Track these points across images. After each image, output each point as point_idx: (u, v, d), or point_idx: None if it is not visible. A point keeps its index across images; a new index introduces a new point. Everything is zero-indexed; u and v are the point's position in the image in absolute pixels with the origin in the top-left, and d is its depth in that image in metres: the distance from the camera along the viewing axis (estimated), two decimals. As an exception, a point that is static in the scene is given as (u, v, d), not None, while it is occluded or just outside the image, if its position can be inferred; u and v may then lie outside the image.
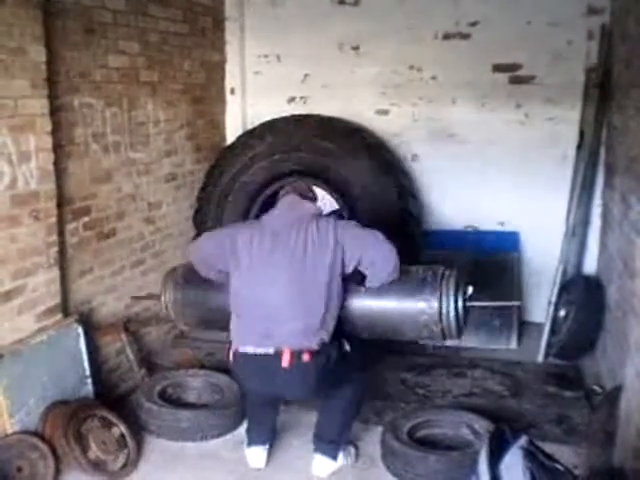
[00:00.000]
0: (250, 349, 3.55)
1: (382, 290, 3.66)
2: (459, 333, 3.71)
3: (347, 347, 3.69)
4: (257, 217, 5.46)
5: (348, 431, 3.93)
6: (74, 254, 4.32)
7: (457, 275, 3.72)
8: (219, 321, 3.92)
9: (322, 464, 3.82)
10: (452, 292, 3.62)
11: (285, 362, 3.44)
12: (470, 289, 3.74)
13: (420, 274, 3.73)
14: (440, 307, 3.59)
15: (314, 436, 3.89)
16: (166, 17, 5.20)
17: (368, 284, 3.66)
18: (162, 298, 4.10)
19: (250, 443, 3.94)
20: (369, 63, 5.94)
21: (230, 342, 3.69)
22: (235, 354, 3.64)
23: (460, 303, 3.65)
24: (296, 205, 3.72)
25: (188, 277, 4.05)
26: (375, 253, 3.59)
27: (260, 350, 3.51)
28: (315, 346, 3.46)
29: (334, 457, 3.83)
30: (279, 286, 3.49)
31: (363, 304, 3.70)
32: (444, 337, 3.70)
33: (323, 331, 3.50)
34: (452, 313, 3.60)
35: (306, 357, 3.44)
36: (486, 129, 5.79)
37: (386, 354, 5.22)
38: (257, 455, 3.91)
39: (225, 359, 3.84)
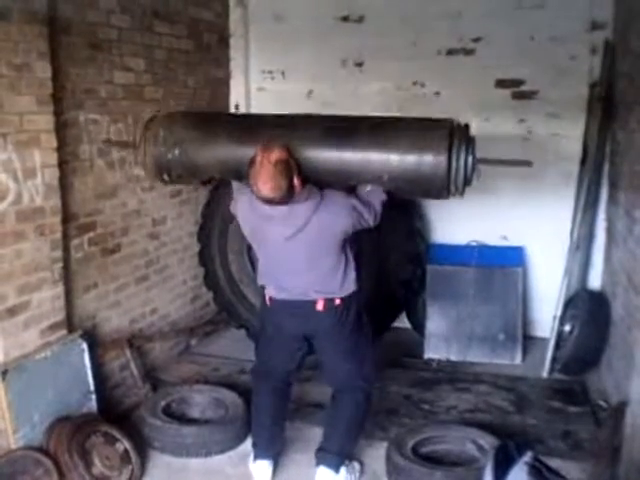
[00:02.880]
0: (286, 297, 3.70)
1: (391, 143, 3.58)
2: (464, 189, 3.68)
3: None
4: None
5: (352, 445, 3.92)
6: (79, 270, 4.33)
7: (467, 129, 3.68)
8: (201, 174, 3.87)
9: (325, 477, 3.81)
10: (463, 146, 3.58)
11: (320, 306, 3.65)
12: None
13: (429, 127, 3.64)
14: (449, 160, 3.53)
15: (317, 450, 3.88)
16: (171, 34, 5.23)
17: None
18: (140, 151, 3.89)
19: (256, 457, 3.93)
20: (373, 79, 5.95)
21: (263, 287, 3.84)
22: (271, 299, 3.77)
23: (470, 157, 3.62)
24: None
25: (171, 129, 3.82)
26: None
27: (296, 297, 3.67)
28: (344, 293, 3.66)
29: (337, 470, 3.81)
30: (300, 262, 3.61)
31: (370, 158, 3.60)
32: (449, 193, 3.66)
33: (347, 279, 3.66)
34: (462, 167, 3.58)
35: (337, 301, 3.66)
36: (489, 144, 5.78)
37: (390, 369, 5.22)
38: (263, 470, 3.90)
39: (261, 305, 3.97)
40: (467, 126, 3.71)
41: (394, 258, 5.35)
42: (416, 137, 3.57)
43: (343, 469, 3.85)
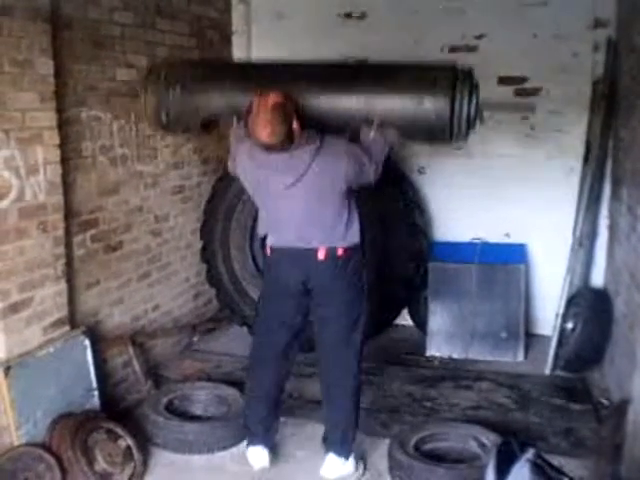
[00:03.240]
0: (286, 245, 3.69)
1: (395, 87, 3.61)
2: (467, 134, 3.70)
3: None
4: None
5: (355, 429, 3.92)
6: (81, 266, 4.33)
7: (471, 74, 3.69)
8: (201, 113, 3.89)
9: (333, 464, 3.84)
10: (467, 89, 3.60)
11: (321, 255, 3.63)
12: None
13: (434, 70, 3.66)
14: (453, 103, 3.54)
15: (323, 440, 3.91)
16: (173, 31, 5.22)
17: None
18: (142, 94, 4.00)
19: (249, 443, 3.95)
20: (375, 76, 5.95)
21: (264, 238, 3.85)
22: (272, 248, 3.76)
23: (474, 100, 3.64)
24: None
25: (173, 69, 3.96)
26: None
27: (298, 245, 3.65)
28: (347, 244, 3.65)
29: (346, 457, 3.84)
30: (301, 210, 3.59)
31: (374, 102, 3.62)
32: (452, 136, 3.66)
33: (351, 232, 3.66)
34: (465, 110, 3.59)
35: (340, 252, 3.64)
36: (492, 141, 5.80)
37: (392, 367, 5.23)
38: (259, 455, 3.92)
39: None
40: (471, 70, 3.71)
41: (396, 255, 5.35)
42: (420, 80, 3.59)
43: (351, 458, 3.87)
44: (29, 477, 3.53)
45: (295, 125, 3.44)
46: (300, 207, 3.57)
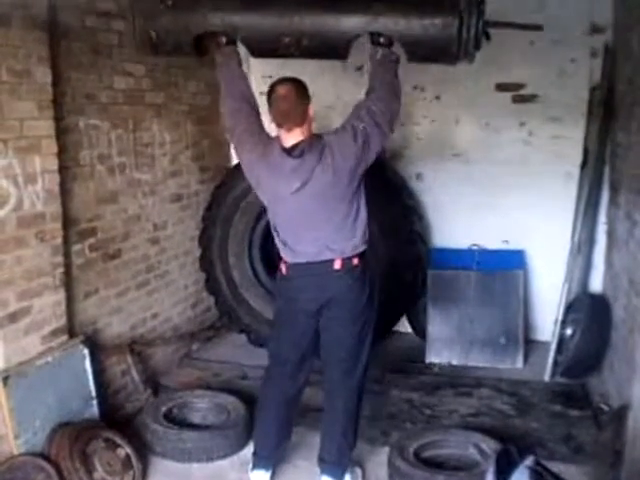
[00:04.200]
0: (301, 260, 3.63)
1: (400, 4, 3.53)
2: (474, 54, 3.69)
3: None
4: (262, 238, 5.52)
5: (351, 449, 3.88)
6: (80, 275, 4.33)
7: None
8: (195, 27, 3.70)
9: None
10: (474, 7, 3.51)
11: (337, 265, 3.58)
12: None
13: None
14: (460, 22, 3.47)
15: (319, 459, 3.87)
16: (171, 39, 5.22)
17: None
18: (131, 20, 3.77)
19: (254, 467, 3.92)
20: (373, 83, 5.95)
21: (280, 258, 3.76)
22: (287, 264, 3.69)
23: (480, 19, 3.57)
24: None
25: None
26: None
27: (311, 259, 3.61)
28: (359, 250, 3.63)
29: (341, 478, 3.81)
30: (310, 218, 3.56)
31: (380, 20, 3.53)
32: (458, 56, 3.62)
33: (361, 236, 3.64)
34: (472, 29, 3.53)
35: (355, 261, 3.61)
36: (490, 148, 5.81)
37: (391, 374, 5.22)
38: (260, 479, 3.90)
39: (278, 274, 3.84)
40: None
41: (395, 262, 5.35)
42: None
43: (347, 477, 3.85)
44: (28, 486, 3.53)
45: (311, 110, 3.52)
46: (308, 213, 3.52)
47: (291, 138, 3.48)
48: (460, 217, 5.93)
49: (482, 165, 5.82)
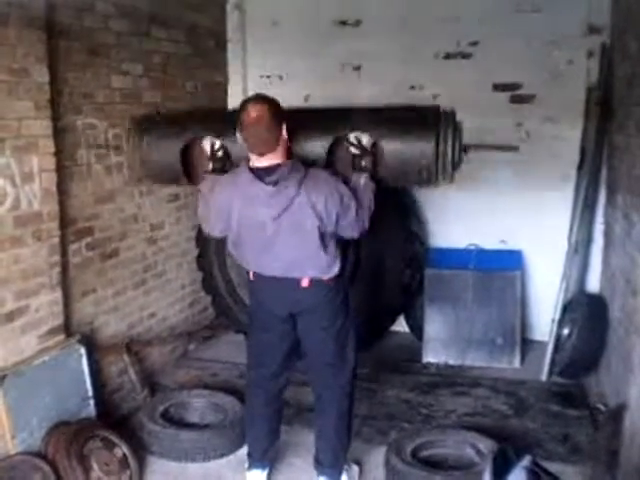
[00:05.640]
0: (268, 274, 3.59)
1: (381, 130, 3.58)
2: (454, 168, 3.63)
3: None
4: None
5: (346, 449, 3.87)
6: (77, 274, 4.33)
7: (454, 115, 3.64)
8: (181, 176, 3.88)
9: None
10: (450, 131, 3.55)
11: (305, 283, 3.53)
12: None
13: (418, 113, 3.67)
14: (437, 146, 3.50)
15: (315, 461, 3.86)
16: (169, 39, 5.23)
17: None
18: (126, 145, 4.01)
19: (250, 467, 3.92)
20: (371, 83, 5.95)
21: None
22: (255, 274, 3.66)
23: (458, 139, 3.60)
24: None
25: (154, 127, 3.96)
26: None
27: (279, 275, 3.56)
28: (329, 275, 3.54)
29: (337, 479, 3.81)
30: (284, 245, 3.47)
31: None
32: (437, 179, 3.60)
33: (334, 262, 3.54)
34: (449, 152, 3.54)
35: (325, 278, 3.55)
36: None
37: (388, 374, 5.22)
38: (257, 478, 3.90)
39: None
40: (454, 112, 3.67)
41: (392, 262, 5.36)
42: (404, 123, 3.59)
43: (344, 476, 3.84)
44: (25, 486, 3.53)
45: (284, 133, 3.38)
46: (283, 240, 3.43)
47: (264, 160, 3.38)
48: (457, 217, 5.93)
49: (479, 165, 5.80)
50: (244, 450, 4.11)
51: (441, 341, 5.61)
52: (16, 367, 3.72)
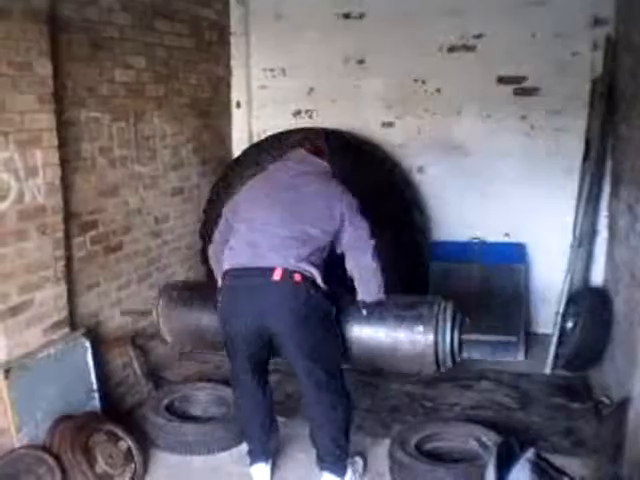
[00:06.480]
0: (241, 265, 3.57)
1: (379, 321, 3.73)
2: (454, 364, 3.78)
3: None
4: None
5: (347, 448, 3.80)
6: (81, 268, 4.33)
7: (453, 307, 3.77)
8: (210, 342, 4.05)
9: None
10: (448, 324, 3.68)
11: (277, 276, 3.46)
12: (467, 320, 3.81)
13: (417, 305, 3.79)
14: (436, 339, 3.65)
15: (317, 457, 3.82)
16: (172, 32, 5.23)
17: (361, 296, 3.73)
18: (154, 312, 4.18)
19: (252, 462, 3.91)
20: (374, 76, 5.95)
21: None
22: (224, 276, 3.64)
23: (456, 335, 3.71)
24: (306, 158, 3.84)
25: (182, 295, 4.16)
26: (352, 233, 3.65)
27: (252, 264, 3.54)
28: (306, 272, 3.50)
29: (342, 475, 3.78)
30: (274, 211, 3.59)
31: (360, 335, 3.78)
32: (438, 368, 3.76)
33: (313, 266, 3.52)
34: (448, 345, 3.68)
35: (297, 277, 3.48)
36: (491, 141, 5.80)
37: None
38: (261, 472, 3.89)
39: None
40: (453, 303, 3.80)
41: (396, 255, 5.34)
42: (404, 316, 3.73)
43: (349, 470, 3.83)
44: (29, 479, 3.53)
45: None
46: (282, 208, 3.59)
47: None
48: (461, 210, 5.93)
49: (483, 158, 5.82)
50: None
51: (445, 334, 5.60)
52: (21, 360, 3.73)
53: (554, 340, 5.24)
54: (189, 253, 5.68)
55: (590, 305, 5.10)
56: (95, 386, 4.20)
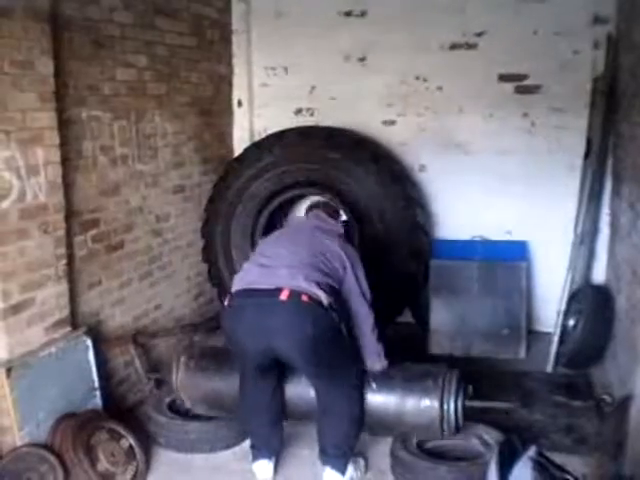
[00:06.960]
0: (249, 284, 3.63)
1: (388, 393, 3.87)
2: (457, 430, 3.87)
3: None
4: (264, 229, 5.50)
5: (355, 443, 3.87)
6: (82, 266, 4.33)
7: (458, 376, 3.89)
8: (227, 405, 4.08)
9: (332, 478, 3.79)
10: (452, 397, 3.80)
11: (284, 296, 3.48)
12: (470, 388, 3.92)
13: (423, 378, 3.90)
14: (441, 413, 3.77)
15: (320, 451, 3.85)
16: (173, 30, 5.22)
17: (369, 365, 3.91)
18: (173, 382, 4.23)
19: (255, 458, 3.92)
20: (376, 74, 5.95)
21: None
22: (231, 296, 3.68)
23: (460, 403, 3.83)
24: (322, 218, 4.08)
25: (200, 365, 4.19)
26: (355, 296, 3.84)
27: (259, 286, 3.58)
28: (314, 294, 3.51)
29: (342, 471, 3.79)
30: (290, 243, 3.81)
31: (371, 407, 3.87)
32: (442, 433, 3.85)
33: (321, 290, 3.53)
34: (452, 415, 3.79)
35: (304, 297, 3.49)
36: (493, 139, 5.80)
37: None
38: (263, 468, 3.90)
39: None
40: (458, 372, 3.93)
41: (398, 253, 5.35)
42: (411, 389, 3.86)
43: (350, 467, 3.84)
44: (32, 477, 3.54)
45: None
46: (293, 250, 3.75)
47: None
48: (463, 208, 5.93)
49: (485, 156, 5.82)
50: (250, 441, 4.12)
51: (447, 332, 5.61)
52: (23, 359, 3.73)
53: (556, 338, 5.24)
54: (190, 251, 5.67)
55: (592, 303, 5.10)
56: (97, 384, 4.21)
